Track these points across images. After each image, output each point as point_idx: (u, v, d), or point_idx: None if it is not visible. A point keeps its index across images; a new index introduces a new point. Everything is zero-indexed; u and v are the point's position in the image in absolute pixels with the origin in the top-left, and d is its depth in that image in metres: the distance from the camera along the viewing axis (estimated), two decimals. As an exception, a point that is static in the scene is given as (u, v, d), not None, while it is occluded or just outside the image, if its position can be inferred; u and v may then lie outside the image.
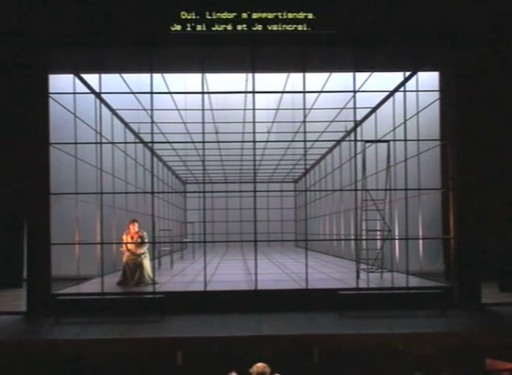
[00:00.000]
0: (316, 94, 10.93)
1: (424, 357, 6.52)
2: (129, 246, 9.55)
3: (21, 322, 7.72)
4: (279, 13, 8.08)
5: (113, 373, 6.45)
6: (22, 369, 6.45)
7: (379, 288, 8.76)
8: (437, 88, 10.05)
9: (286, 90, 10.67)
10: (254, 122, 9.01)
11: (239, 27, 8.08)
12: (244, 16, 8.07)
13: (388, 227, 10.39)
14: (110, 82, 9.70)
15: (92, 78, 9.65)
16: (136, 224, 9.63)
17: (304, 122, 9.46)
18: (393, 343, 6.57)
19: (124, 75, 10.11)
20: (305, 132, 9.40)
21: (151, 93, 8.73)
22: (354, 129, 10.55)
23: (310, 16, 8.10)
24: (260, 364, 4.78)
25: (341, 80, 10.25)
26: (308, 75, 9.12)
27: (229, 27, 8.07)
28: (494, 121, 9.10)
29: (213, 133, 13.54)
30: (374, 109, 12.03)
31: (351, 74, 8.80)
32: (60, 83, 9.39)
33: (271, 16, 8.08)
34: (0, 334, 6.89)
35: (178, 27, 8.04)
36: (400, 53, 9.08)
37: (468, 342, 6.64)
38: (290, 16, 8.09)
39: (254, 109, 8.94)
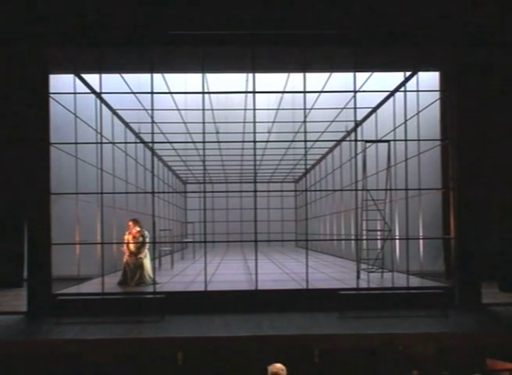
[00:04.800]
0: (316, 94, 10.93)
1: (424, 357, 6.52)
2: (130, 247, 9.56)
3: (21, 322, 7.72)
4: (280, 13, 8.08)
5: (113, 373, 6.44)
6: (22, 369, 6.44)
7: (380, 288, 8.76)
8: (437, 88, 10.04)
9: (287, 90, 10.67)
10: (254, 122, 9.01)
11: (239, 28, 8.07)
12: (245, 16, 8.06)
13: (388, 227, 10.39)
14: (110, 82, 9.71)
15: (92, 78, 9.66)
16: (136, 223, 9.63)
17: (305, 122, 9.46)
18: (393, 343, 6.56)
19: (124, 75, 10.12)
20: (305, 132, 9.39)
21: (152, 93, 8.73)
22: (355, 129, 10.55)
23: (310, 16, 8.09)
24: (278, 365, 4.75)
25: (341, 80, 10.26)
26: (308, 75, 9.12)
27: (230, 28, 8.07)
28: (494, 121, 9.09)
29: (213, 133, 13.54)
30: (374, 109, 12.04)
31: (351, 74, 8.81)
32: (60, 83, 9.40)
33: (271, 16, 8.08)
34: (0, 334, 6.89)
35: (178, 27, 8.03)
36: (400, 53, 9.08)
37: (468, 342, 6.64)
38: (291, 16, 8.09)
39: (254, 109, 8.94)
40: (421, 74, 9.87)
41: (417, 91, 9.78)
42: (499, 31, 8.35)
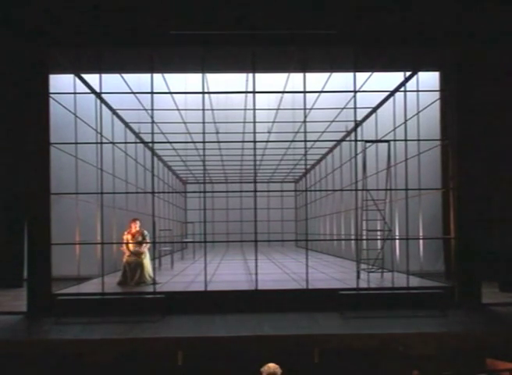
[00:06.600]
0: (316, 94, 10.93)
1: (424, 357, 6.52)
2: (130, 246, 9.56)
3: (21, 322, 7.71)
4: (279, 14, 8.08)
5: (113, 373, 6.45)
6: (22, 369, 6.44)
7: (380, 288, 8.76)
8: (437, 88, 10.04)
9: (287, 90, 10.67)
10: (254, 122, 9.01)
11: (239, 28, 8.07)
12: (244, 16, 8.06)
13: (388, 227, 10.39)
14: (110, 82, 9.71)
15: (92, 78, 9.66)
16: (137, 223, 9.65)
17: (305, 122, 9.46)
18: (393, 343, 6.56)
19: (124, 75, 10.12)
20: (305, 132, 9.39)
21: (152, 93, 8.73)
22: (355, 129, 10.55)
23: (310, 16, 8.09)
24: (271, 364, 4.74)
25: (341, 80, 10.26)
26: (308, 75, 9.12)
27: (230, 28, 8.07)
28: (494, 121, 9.10)
29: (213, 133, 13.54)
30: (374, 109, 12.03)
31: (351, 74, 8.80)
32: (60, 83, 9.40)
33: (271, 16, 8.08)
34: (0, 334, 6.89)
35: (178, 27, 8.03)
36: (400, 53, 9.08)
37: (468, 342, 6.63)
38: (291, 16, 8.09)
39: (254, 109, 8.94)
40: (421, 74, 9.87)
41: (417, 91, 9.78)
42: (499, 31, 8.35)
